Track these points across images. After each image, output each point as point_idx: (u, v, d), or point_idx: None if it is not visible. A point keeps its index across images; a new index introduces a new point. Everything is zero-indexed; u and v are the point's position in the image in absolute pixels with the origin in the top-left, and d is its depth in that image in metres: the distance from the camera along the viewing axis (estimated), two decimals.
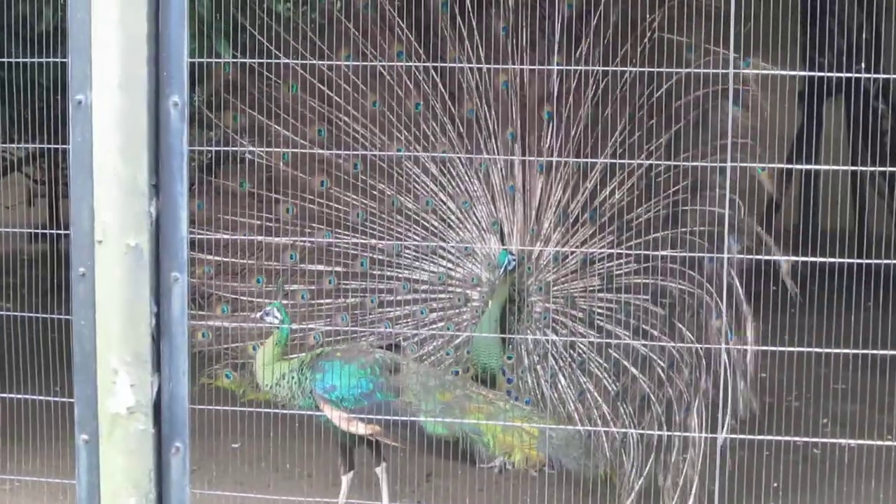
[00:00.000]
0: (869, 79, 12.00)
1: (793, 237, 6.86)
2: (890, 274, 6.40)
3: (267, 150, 8.00)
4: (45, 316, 5.56)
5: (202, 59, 6.25)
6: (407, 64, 7.87)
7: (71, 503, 6.56)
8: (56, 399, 5.12)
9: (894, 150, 14.58)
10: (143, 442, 3.73)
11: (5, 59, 6.68)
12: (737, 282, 6.69)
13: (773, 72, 6.70)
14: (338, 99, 7.96)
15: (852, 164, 13.23)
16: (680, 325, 7.09)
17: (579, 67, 7.57)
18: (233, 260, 8.05)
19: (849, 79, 9.67)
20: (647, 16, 7.30)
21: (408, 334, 8.08)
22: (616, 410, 7.34)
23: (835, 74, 11.53)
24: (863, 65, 13.42)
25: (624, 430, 7.13)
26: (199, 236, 7.61)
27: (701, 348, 6.78)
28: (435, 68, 7.97)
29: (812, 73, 6.71)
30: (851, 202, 15.19)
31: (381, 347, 7.33)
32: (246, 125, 8.09)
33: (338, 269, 8.08)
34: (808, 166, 6.78)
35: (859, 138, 13.70)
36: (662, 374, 7.06)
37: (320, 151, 7.97)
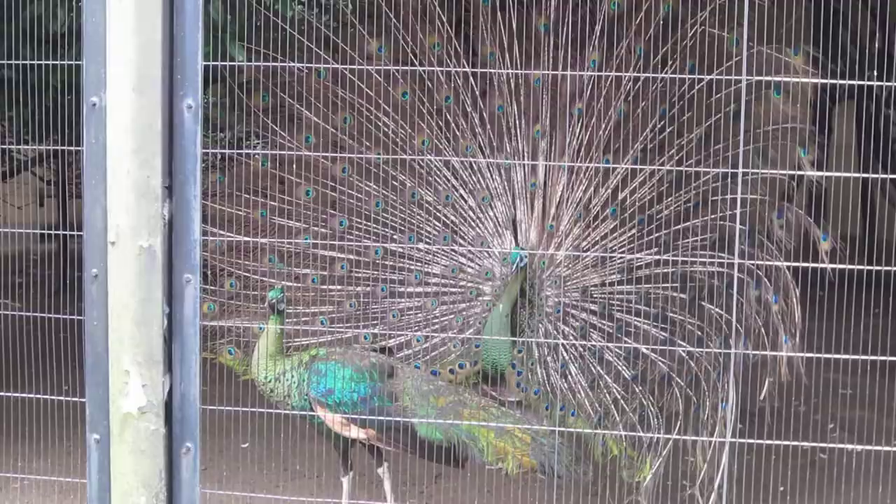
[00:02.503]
0: (880, 86, 11.98)
1: (802, 243, 6.86)
2: None
3: (279, 152, 7.97)
4: (54, 316, 5.58)
5: (216, 63, 6.25)
6: (434, 69, 7.83)
7: (81, 502, 6.59)
8: (66, 398, 5.15)
9: None
10: (154, 442, 3.76)
11: (18, 61, 6.70)
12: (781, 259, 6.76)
13: (784, 78, 6.73)
14: (366, 89, 7.90)
15: (862, 171, 13.23)
16: (707, 305, 7.09)
17: (608, 73, 7.56)
18: (245, 238, 7.98)
19: (860, 86, 9.63)
20: (698, 12, 7.27)
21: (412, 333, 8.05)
22: (632, 392, 7.33)
23: (847, 82, 11.54)
24: (875, 72, 13.43)
25: (633, 433, 7.15)
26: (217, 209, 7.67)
27: (727, 324, 6.82)
28: (467, 62, 7.94)
29: (824, 81, 6.70)
30: (861, 209, 15.20)
31: (374, 350, 7.29)
32: (276, 107, 8.01)
33: (350, 256, 8.03)
34: (818, 173, 6.76)
35: (870, 145, 13.71)
36: (684, 354, 7.06)
37: (322, 155, 7.92)
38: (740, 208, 6.50)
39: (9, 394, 5.74)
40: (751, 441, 5.81)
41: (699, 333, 7.13)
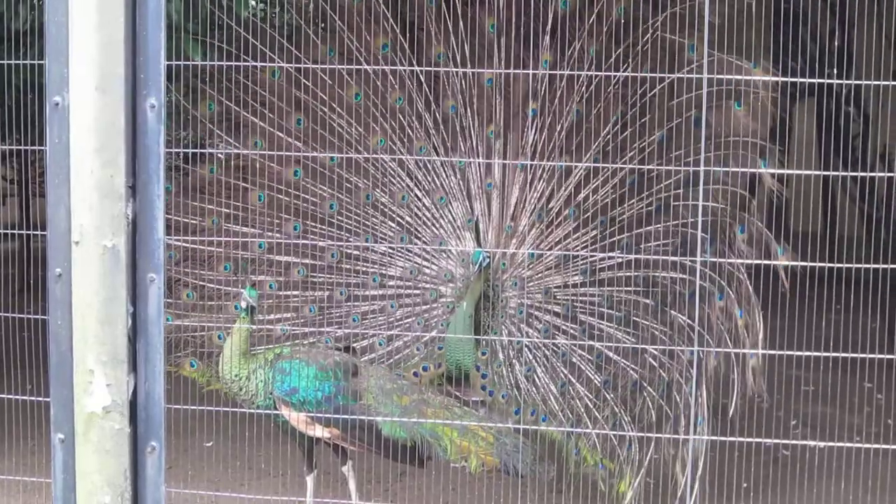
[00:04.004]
0: (840, 84, 12.08)
1: (763, 240, 6.90)
2: (860, 278, 6.47)
3: (241, 152, 7.94)
4: (18, 315, 5.56)
5: (178, 62, 6.24)
6: (385, 68, 7.83)
7: (46, 501, 6.56)
8: (31, 398, 5.13)
9: (864, 153, 14.71)
10: (119, 441, 3.75)
11: None
12: (743, 271, 6.78)
13: (745, 77, 6.75)
14: (318, 91, 7.88)
15: (823, 168, 13.33)
16: (673, 312, 7.10)
17: (560, 72, 7.56)
18: (200, 247, 7.92)
19: (820, 83, 9.71)
20: (650, 16, 7.28)
21: (375, 331, 8.03)
22: (603, 399, 7.34)
23: (807, 80, 11.62)
24: (834, 70, 13.53)
25: (586, 429, 7.17)
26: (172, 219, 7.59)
27: (688, 331, 6.84)
28: (419, 63, 7.92)
29: (784, 79, 6.74)
30: (822, 206, 15.30)
31: (338, 349, 7.26)
32: (223, 114, 7.98)
33: (307, 260, 8.00)
34: (779, 170, 6.81)
35: (830, 142, 13.81)
36: (654, 362, 7.07)
37: (294, 154, 7.90)
38: (702, 216, 6.52)
39: None
40: (714, 438, 5.85)
41: (668, 341, 7.14)
